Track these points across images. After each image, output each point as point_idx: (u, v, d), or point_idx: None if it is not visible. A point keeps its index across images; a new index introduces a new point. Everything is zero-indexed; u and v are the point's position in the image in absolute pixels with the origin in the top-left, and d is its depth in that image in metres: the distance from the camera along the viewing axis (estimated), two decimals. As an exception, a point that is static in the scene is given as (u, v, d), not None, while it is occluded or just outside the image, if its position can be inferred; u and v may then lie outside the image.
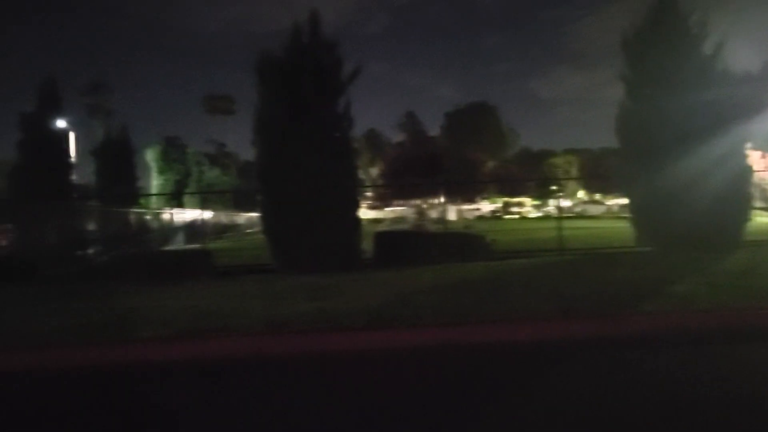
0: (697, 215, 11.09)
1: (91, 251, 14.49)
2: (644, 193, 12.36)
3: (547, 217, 45.59)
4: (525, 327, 5.66)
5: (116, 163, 22.65)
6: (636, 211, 13.12)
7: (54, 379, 4.95)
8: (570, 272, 9.31)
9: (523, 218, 49.36)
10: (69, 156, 18.12)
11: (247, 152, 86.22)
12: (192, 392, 4.38)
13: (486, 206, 57.17)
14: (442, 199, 14.73)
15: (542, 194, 62.33)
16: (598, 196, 70.37)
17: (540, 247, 13.92)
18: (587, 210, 56.10)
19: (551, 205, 58.18)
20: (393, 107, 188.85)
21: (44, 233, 14.17)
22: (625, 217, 16.55)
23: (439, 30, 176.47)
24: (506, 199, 62.84)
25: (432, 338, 5.43)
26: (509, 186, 60.87)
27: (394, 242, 12.36)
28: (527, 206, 62.46)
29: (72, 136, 19.06)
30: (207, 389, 4.45)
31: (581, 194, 75.02)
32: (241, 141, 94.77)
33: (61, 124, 17.60)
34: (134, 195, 21.98)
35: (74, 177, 18.20)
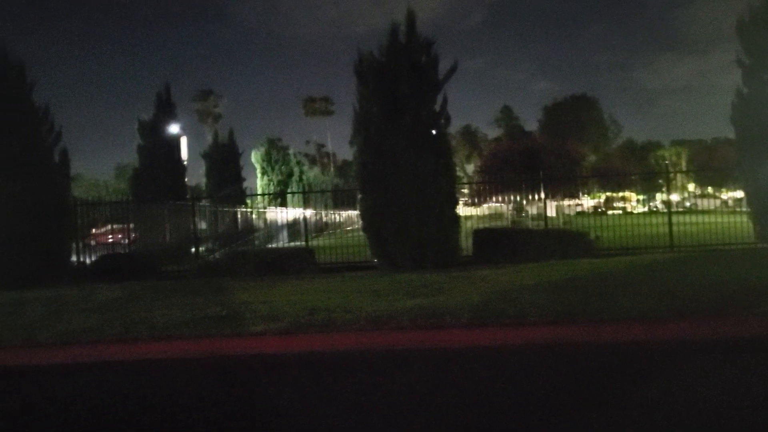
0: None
1: (202, 249, 15.35)
2: (764, 184, 11.53)
3: (654, 212, 43.40)
4: (636, 327, 5.46)
5: (224, 165, 23.87)
6: (755, 204, 12.26)
7: (175, 369, 5.31)
8: (683, 270, 8.85)
9: (628, 213, 47.26)
10: (182, 159, 19.34)
11: (344, 152, 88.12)
12: (303, 385, 4.56)
13: (587, 201, 55.21)
14: (542, 195, 14.38)
15: (648, 188, 59.35)
16: (710, 189, 66.17)
17: (648, 244, 13.29)
18: (698, 204, 52.93)
19: (658, 200, 55.33)
20: (489, 102, 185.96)
21: (161, 232, 15.17)
22: (742, 212, 15.48)
23: (537, 22, 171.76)
24: (609, 193, 60.38)
25: (538, 337, 5.35)
26: (612, 180, 58.46)
27: (493, 239, 12.23)
28: (632, 201, 59.74)
29: (184, 140, 20.30)
30: (317, 383, 4.62)
31: (692, 187, 70.81)
32: (338, 141, 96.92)
33: (174, 129, 18.78)
34: (241, 195, 23.03)
35: (186, 179, 19.42)
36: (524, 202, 18.67)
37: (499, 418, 3.50)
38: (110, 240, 16.90)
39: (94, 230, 15.74)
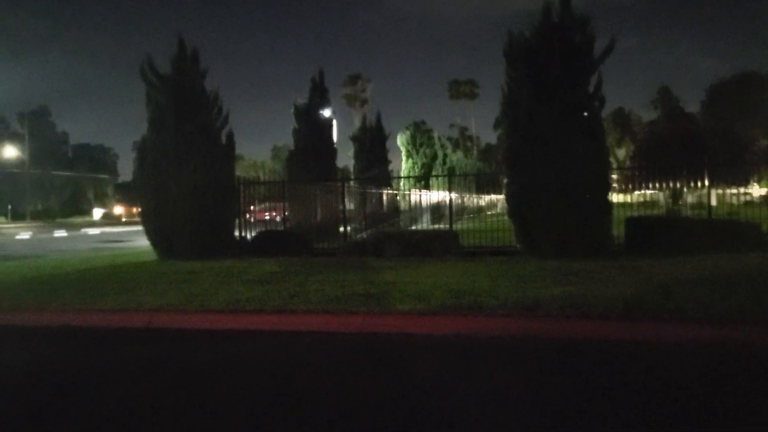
0: None
1: (350, 228, 15.95)
2: None
3: (840, 204, 38.38)
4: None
5: (371, 148, 24.57)
6: None
7: (328, 342, 5.64)
8: None
9: (806, 205, 42.17)
10: (333, 142, 20.19)
11: (487, 135, 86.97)
12: (448, 367, 4.65)
13: (757, 190, 50.09)
14: (706, 183, 13.22)
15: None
16: None
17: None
18: None
19: None
20: (644, 83, 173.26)
21: (313, 211, 15.96)
22: None
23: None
24: (785, 182, 54.25)
25: (700, 335, 5.02)
26: (788, 167, 52.37)
27: (648, 228, 11.50)
28: (812, 191, 53.20)
29: (334, 123, 21.16)
30: (462, 365, 4.69)
31: None
32: (482, 124, 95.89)
33: (326, 113, 19.63)
34: (386, 177, 23.57)
35: (336, 161, 20.27)
36: (684, 189, 17.35)
37: (652, 417, 3.35)
38: (266, 217, 18.08)
39: (252, 207, 16.88)
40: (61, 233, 34.48)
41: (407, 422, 3.40)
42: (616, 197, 14.60)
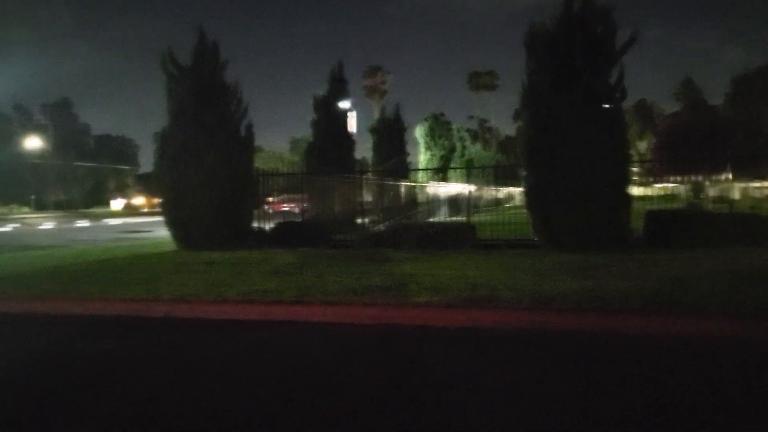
0: None
1: (367, 220, 15.97)
2: None
3: None
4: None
5: (390, 140, 24.55)
6: None
7: (344, 333, 5.67)
8: None
9: (833, 199, 41.32)
10: (351, 134, 20.19)
11: (507, 127, 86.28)
12: (465, 359, 4.66)
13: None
14: (729, 176, 12.94)
15: None
16: None
17: None
18: None
19: None
20: (668, 75, 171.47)
21: (331, 203, 15.99)
22: None
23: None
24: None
25: (720, 329, 4.97)
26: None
27: (668, 221, 11.38)
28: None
29: (353, 115, 21.18)
30: (479, 357, 4.70)
31: None
32: (501, 116, 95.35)
33: (345, 105, 19.63)
34: (405, 169, 23.55)
35: (355, 152, 20.27)
36: (706, 183, 17.13)
37: (667, 410, 3.34)
38: (285, 208, 18.18)
39: (270, 199, 16.95)
40: (83, 223, 34.98)
41: (421, 413, 3.42)
42: (636, 190, 14.44)
